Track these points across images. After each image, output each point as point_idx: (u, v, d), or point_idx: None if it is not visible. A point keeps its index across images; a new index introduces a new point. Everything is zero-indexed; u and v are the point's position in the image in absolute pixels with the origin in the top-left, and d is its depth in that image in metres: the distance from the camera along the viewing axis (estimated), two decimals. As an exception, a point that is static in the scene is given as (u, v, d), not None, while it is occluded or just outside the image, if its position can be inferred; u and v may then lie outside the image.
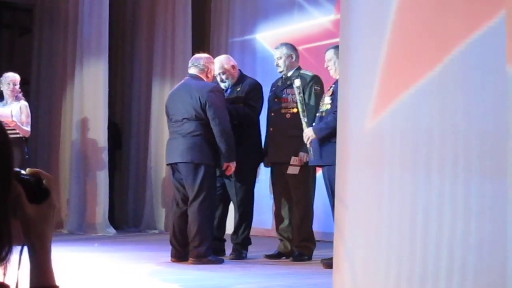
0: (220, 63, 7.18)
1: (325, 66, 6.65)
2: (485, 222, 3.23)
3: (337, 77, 6.45)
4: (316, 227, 7.38)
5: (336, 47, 6.53)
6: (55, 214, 1.65)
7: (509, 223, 3.11)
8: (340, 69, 4.45)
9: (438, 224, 3.38)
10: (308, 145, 6.58)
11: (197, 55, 7.05)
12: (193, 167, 6.55)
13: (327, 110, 6.45)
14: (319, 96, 6.86)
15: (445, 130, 3.39)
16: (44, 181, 1.63)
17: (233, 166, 6.70)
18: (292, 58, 7.13)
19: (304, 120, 6.63)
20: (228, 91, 7.20)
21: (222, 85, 7.18)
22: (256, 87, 7.22)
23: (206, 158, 6.58)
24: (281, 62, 7.13)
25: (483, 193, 3.23)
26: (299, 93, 6.67)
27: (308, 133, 6.54)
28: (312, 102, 6.90)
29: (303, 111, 6.65)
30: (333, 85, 6.47)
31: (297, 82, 6.69)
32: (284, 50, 7.14)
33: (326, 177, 6.43)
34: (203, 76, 6.82)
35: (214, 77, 7.15)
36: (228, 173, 6.77)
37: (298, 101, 6.68)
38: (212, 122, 6.56)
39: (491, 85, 3.26)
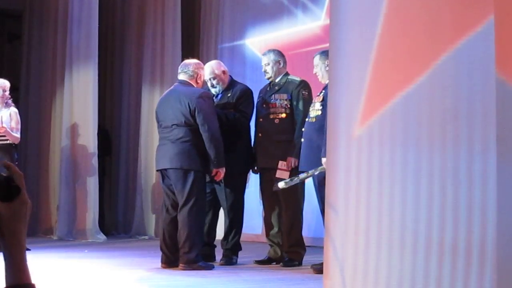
0: (211, 69, 7.18)
1: (314, 72, 6.66)
2: (473, 228, 3.24)
3: (326, 82, 6.47)
4: (306, 232, 7.39)
5: (323, 53, 6.55)
6: (28, 210, 1.64)
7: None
8: (329, 75, 4.45)
9: (428, 229, 3.39)
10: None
11: (186, 61, 7.04)
12: (182, 173, 6.55)
13: (317, 116, 6.44)
14: (307, 101, 6.87)
15: (433, 135, 3.40)
16: (14, 178, 1.62)
17: (222, 172, 6.70)
18: (279, 64, 7.15)
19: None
20: (219, 96, 7.20)
21: (213, 91, 7.18)
22: (247, 93, 7.22)
23: (195, 164, 6.57)
24: (268, 68, 7.14)
25: (471, 199, 3.24)
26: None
27: None
28: (300, 107, 6.92)
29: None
30: (323, 91, 6.47)
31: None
32: (271, 56, 7.15)
33: (316, 183, 6.42)
34: (192, 82, 6.82)
35: (205, 83, 7.15)
36: (217, 178, 6.76)
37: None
38: (201, 128, 6.55)
39: (479, 90, 3.27)
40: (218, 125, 6.66)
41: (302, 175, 6.25)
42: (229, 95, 7.16)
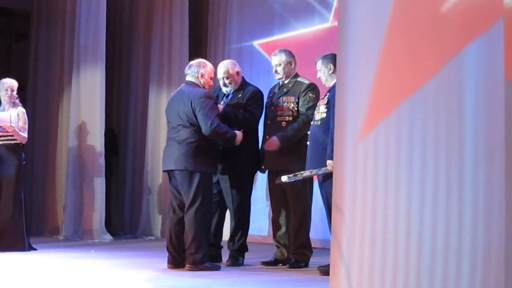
0: (225, 68, 7.19)
1: (318, 77, 6.65)
2: (478, 229, 3.23)
3: (329, 86, 6.47)
4: (313, 234, 7.38)
5: (325, 57, 6.56)
6: None
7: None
8: (337, 77, 4.46)
9: (432, 232, 3.39)
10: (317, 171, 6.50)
11: (190, 62, 7.05)
12: (188, 174, 6.55)
13: (322, 118, 6.44)
14: (314, 103, 6.86)
15: (439, 139, 3.40)
16: None
17: (239, 135, 6.76)
18: (291, 65, 7.13)
19: None
20: (229, 96, 7.20)
21: (224, 90, 7.19)
22: (257, 95, 7.20)
23: (200, 165, 6.57)
24: (280, 69, 7.12)
25: (476, 203, 3.23)
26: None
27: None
28: (303, 109, 6.92)
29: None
30: (328, 93, 6.47)
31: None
32: (283, 57, 7.13)
33: (322, 185, 6.42)
34: (197, 82, 6.82)
35: (216, 80, 7.15)
36: (239, 141, 6.79)
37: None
38: (202, 127, 6.54)
39: (486, 94, 3.26)
40: (217, 122, 6.58)
41: (305, 173, 6.41)
42: (239, 96, 7.15)
